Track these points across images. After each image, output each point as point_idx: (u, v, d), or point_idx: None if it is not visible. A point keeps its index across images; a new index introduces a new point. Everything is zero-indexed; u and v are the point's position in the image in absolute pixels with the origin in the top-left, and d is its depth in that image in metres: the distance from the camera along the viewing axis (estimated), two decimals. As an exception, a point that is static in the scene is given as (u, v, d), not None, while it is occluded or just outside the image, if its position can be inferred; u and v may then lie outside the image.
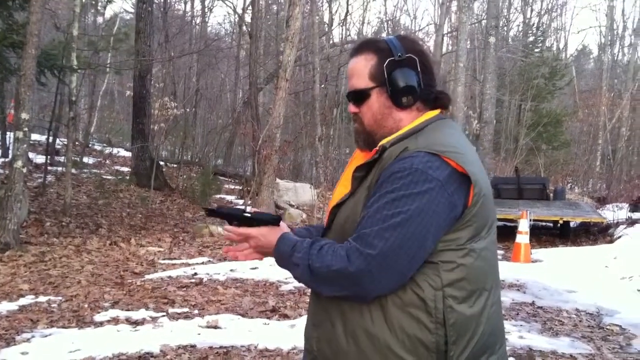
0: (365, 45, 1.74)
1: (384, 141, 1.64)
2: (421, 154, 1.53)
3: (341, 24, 29.66)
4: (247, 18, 22.94)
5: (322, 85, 22.70)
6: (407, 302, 1.51)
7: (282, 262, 1.67)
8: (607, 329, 5.70)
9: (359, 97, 1.72)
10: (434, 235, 1.50)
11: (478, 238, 1.57)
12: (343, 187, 1.73)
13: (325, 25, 29.33)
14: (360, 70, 1.71)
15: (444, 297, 1.51)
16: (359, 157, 1.79)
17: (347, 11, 27.93)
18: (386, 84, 1.67)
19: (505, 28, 31.86)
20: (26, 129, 8.71)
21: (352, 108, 1.75)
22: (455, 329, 1.51)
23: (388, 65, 1.67)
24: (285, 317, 5.71)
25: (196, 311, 5.81)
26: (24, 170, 8.84)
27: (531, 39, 31.84)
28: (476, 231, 1.56)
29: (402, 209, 1.48)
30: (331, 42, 28.68)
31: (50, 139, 15.29)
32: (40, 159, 15.67)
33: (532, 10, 34.73)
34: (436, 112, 1.72)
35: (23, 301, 6.09)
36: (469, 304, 1.54)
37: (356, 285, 1.52)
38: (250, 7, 22.33)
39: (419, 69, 1.68)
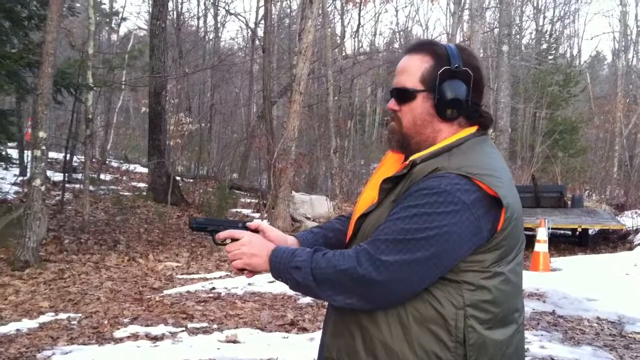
0: (424, 46, 1.69)
1: (415, 156, 1.60)
2: (452, 176, 1.49)
3: (353, 36, 29.82)
4: (260, 32, 23.10)
5: (336, 98, 22.75)
6: (428, 318, 1.49)
7: (279, 268, 1.63)
8: (629, 337, 5.63)
9: (403, 95, 1.67)
10: (452, 256, 1.47)
11: (504, 262, 1.54)
12: (370, 195, 1.69)
13: (338, 38, 29.45)
14: (413, 70, 1.66)
15: (466, 316, 1.48)
16: (390, 162, 1.77)
17: (359, 23, 27.96)
18: (435, 91, 1.63)
19: (517, 36, 31.81)
20: (44, 147, 8.81)
21: (392, 105, 1.70)
22: (475, 349, 1.49)
23: (442, 73, 1.62)
24: (304, 330, 5.70)
25: (215, 326, 5.81)
26: (43, 188, 8.92)
27: (544, 46, 31.72)
28: (503, 255, 1.53)
29: (420, 226, 1.46)
30: (344, 54, 28.77)
31: (68, 156, 15.44)
32: (58, 176, 15.79)
33: (544, 18, 34.67)
34: (474, 128, 1.67)
35: (43, 318, 6.13)
36: (490, 326, 1.51)
37: (363, 289, 1.49)
38: (262, 22, 22.46)
39: (471, 85, 1.63)
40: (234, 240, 1.76)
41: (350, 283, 1.50)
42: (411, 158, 1.60)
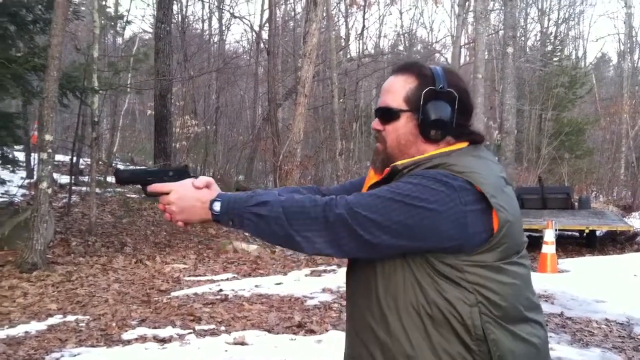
0: (409, 67, 1.70)
1: (398, 162, 1.61)
2: (440, 170, 1.52)
3: (358, 38, 29.78)
4: (265, 35, 23.10)
5: (341, 100, 22.75)
6: (445, 321, 1.48)
7: (234, 208, 1.57)
8: (638, 338, 5.60)
9: (387, 115, 1.67)
10: (427, 233, 1.45)
11: (508, 259, 1.53)
12: None
13: (342, 40, 29.45)
14: (397, 90, 1.66)
15: (480, 313, 1.48)
16: (373, 178, 1.76)
17: (364, 25, 27.87)
18: (419, 112, 1.62)
19: (522, 38, 31.70)
20: (50, 150, 8.83)
21: (376, 124, 1.70)
22: (495, 344, 1.48)
23: (426, 93, 1.62)
24: (312, 332, 5.69)
25: (222, 328, 5.81)
26: (49, 191, 8.93)
27: (549, 48, 31.63)
28: (505, 254, 1.52)
29: (403, 192, 1.47)
30: (348, 56, 28.78)
31: (74, 159, 15.44)
32: (64, 179, 15.82)
33: (549, 20, 34.53)
34: (464, 144, 1.66)
35: (51, 321, 6.14)
36: (506, 322, 1.51)
37: (334, 230, 1.48)
38: (267, 25, 22.47)
39: (455, 106, 1.62)
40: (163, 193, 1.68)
41: (322, 219, 1.49)
42: (394, 164, 1.62)
